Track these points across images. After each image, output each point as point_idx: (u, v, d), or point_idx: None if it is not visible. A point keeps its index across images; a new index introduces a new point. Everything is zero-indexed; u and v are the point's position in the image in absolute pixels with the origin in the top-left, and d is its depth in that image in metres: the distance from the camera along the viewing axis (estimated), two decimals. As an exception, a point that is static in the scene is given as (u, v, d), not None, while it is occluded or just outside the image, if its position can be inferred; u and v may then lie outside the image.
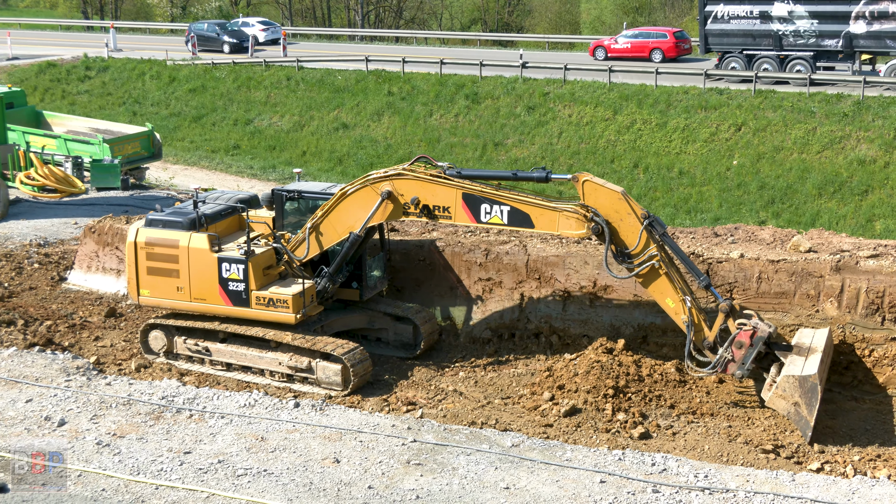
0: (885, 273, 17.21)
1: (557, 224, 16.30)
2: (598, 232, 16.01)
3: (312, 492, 13.35)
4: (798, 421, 15.29)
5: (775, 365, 16.22)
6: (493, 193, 16.56)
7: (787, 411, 15.33)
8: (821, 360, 15.74)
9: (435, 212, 16.88)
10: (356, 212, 17.33)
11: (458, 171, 17.05)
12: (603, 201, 16.05)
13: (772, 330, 16.00)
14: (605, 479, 13.73)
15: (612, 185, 16.15)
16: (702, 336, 16.32)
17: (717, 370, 16.19)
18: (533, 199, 16.40)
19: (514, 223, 16.57)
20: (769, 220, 33.75)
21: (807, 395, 15.09)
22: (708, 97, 42.02)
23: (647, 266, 16.08)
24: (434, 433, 15.19)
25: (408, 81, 49.27)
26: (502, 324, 19.65)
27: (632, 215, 16.00)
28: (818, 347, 16.20)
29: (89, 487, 13.44)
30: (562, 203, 16.39)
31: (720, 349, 16.10)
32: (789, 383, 15.21)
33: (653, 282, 16.24)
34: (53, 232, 26.67)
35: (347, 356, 17.20)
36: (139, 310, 20.97)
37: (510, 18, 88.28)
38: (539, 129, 43.51)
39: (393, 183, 16.99)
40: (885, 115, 37.96)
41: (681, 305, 16.15)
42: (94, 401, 16.08)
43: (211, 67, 55.39)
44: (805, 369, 15.34)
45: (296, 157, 44.62)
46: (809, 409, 15.12)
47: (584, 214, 16.05)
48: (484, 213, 16.62)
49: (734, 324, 16.11)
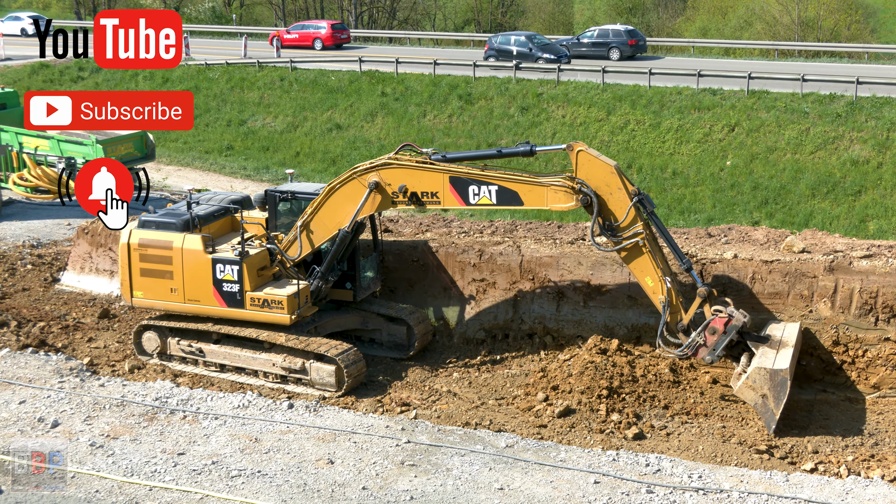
0: (879, 273, 17.24)
1: (546, 199, 16.34)
2: (587, 203, 16.04)
3: (306, 493, 13.34)
4: (764, 413, 15.57)
5: (745, 354, 16.41)
6: (480, 174, 16.58)
7: (755, 402, 15.59)
8: (792, 356, 15.97)
9: (423, 198, 16.87)
10: (345, 206, 17.31)
11: (443, 155, 17.09)
12: (595, 173, 16.09)
13: (746, 320, 16.17)
14: (599, 479, 13.73)
15: (606, 158, 16.23)
16: (677, 318, 16.44)
17: (688, 353, 16.37)
18: (520, 176, 16.45)
19: (503, 202, 16.58)
20: (763, 220, 33.75)
21: (776, 388, 15.35)
22: (701, 98, 42.03)
23: (631, 242, 16.15)
24: (428, 434, 15.18)
25: (401, 82, 49.21)
26: (496, 324, 19.64)
27: (622, 190, 16.04)
28: (789, 342, 16.39)
29: (83, 489, 13.42)
30: (549, 177, 16.41)
31: (693, 333, 16.24)
32: (760, 375, 15.45)
33: (635, 258, 16.30)
34: (46, 233, 26.62)
35: (341, 357, 17.18)
36: (132, 311, 20.92)
37: (503, 19, 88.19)
38: (533, 129, 43.47)
39: (380, 173, 17.00)
40: (878, 115, 37.99)
41: (659, 285, 16.24)
42: (88, 402, 16.05)
43: (204, 68, 55.27)
44: (777, 363, 15.58)
45: (289, 157, 44.52)
46: (777, 403, 15.40)
47: (572, 186, 16.06)
48: (472, 195, 16.63)
49: (710, 309, 16.26)
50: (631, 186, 16.15)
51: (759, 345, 16.30)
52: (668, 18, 79.39)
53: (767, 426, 15.66)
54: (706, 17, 75.37)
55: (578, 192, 16.08)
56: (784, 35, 65.48)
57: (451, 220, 22.90)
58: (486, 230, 21.22)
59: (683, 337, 16.45)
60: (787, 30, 66.33)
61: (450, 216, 24.20)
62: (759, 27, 68.34)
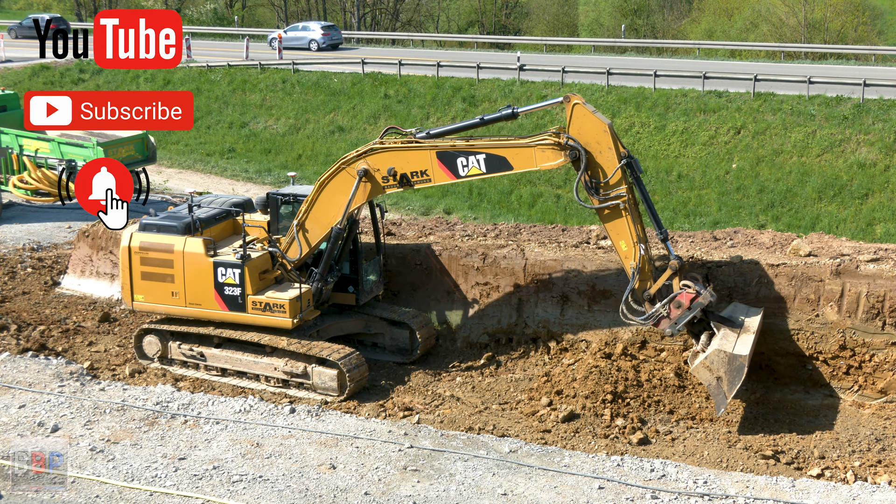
0: (886, 277, 17.09)
1: (535, 159, 16.23)
2: (576, 158, 15.90)
3: (308, 498, 13.22)
4: (716, 395, 15.66)
5: (706, 333, 16.45)
6: (466, 145, 16.49)
7: (709, 383, 15.69)
8: (752, 342, 16.02)
9: (413, 178, 16.79)
10: (338, 198, 17.21)
11: (427, 132, 17.01)
12: (588, 129, 15.97)
13: (713, 299, 16.17)
14: (603, 485, 13.62)
15: (601, 115, 16.12)
16: (645, 286, 16.39)
17: (650, 323, 16.41)
18: (505, 140, 16.36)
19: (493, 169, 16.46)
20: (769, 223, 33.61)
21: (732, 372, 15.43)
22: (707, 100, 41.90)
23: (612, 203, 16.05)
24: (431, 439, 15.06)
25: (404, 84, 49.11)
26: (500, 328, 19.52)
27: (612, 150, 15.94)
28: (752, 328, 16.41)
29: (83, 494, 13.34)
30: (534, 137, 16.29)
31: (658, 304, 16.21)
32: (718, 357, 15.53)
33: (613, 220, 16.22)
34: (47, 236, 26.55)
35: (343, 361, 17.08)
36: (133, 315, 20.83)
37: (507, 21, 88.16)
38: (536, 131, 43.36)
39: (367, 160, 16.93)
40: (886, 118, 37.84)
41: (633, 250, 16.19)
42: (88, 406, 15.95)
43: (206, 70, 55.23)
44: (737, 348, 15.65)
45: (291, 160, 44.43)
46: (730, 387, 15.50)
47: (559, 142, 15.94)
48: (461, 167, 16.54)
49: (678, 283, 16.24)
50: (622, 148, 16.09)
51: (721, 326, 16.35)
52: (673, 20, 79.22)
53: (716, 408, 15.81)
54: (712, 18, 75.15)
55: (566, 148, 15.93)
56: (790, 37, 65.29)
57: (455, 223, 22.79)
58: (490, 233, 21.10)
59: (648, 306, 16.46)
60: (793, 31, 66.14)
61: (453, 220, 24.09)
62: (765, 29, 68.13)
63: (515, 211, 36.68)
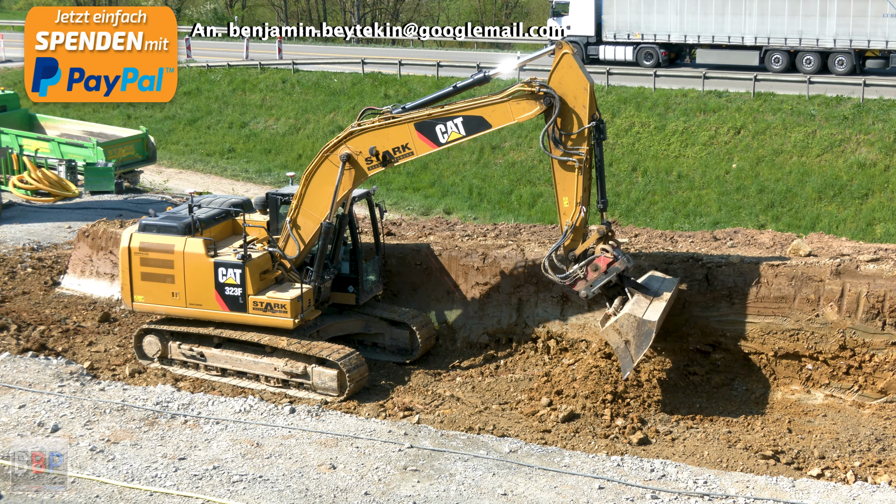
0: (886, 277, 17.08)
1: (511, 112, 16.38)
2: (550, 105, 16.06)
3: (308, 498, 13.22)
4: (623, 358, 15.94)
5: (620, 298, 16.69)
6: (442, 112, 16.60)
7: (617, 345, 15.95)
8: (663, 310, 16.23)
9: (395, 154, 16.86)
10: (325, 189, 17.25)
11: (402, 107, 17.13)
12: (569, 81, 16.09)
13: (630, 265, 16.49)
14: (603, 485, 13.61)
15: (587, 72, 16.22)
16: (572, 246, 16.61)
17: (567, 283, 16.70)
18: (479, 100, 16.45)
19: (472, 130, 16.57)
20: (769, 223, 33.63)
21: (640, 337, 15.69)
22: (707, 100, 41.91)
23: (569, 159, 16.24)
24: (431, 439, 15.05)
25: (404, 84, 49.13)
26: (500, 328, 19.51)
27: (585, 109, 16.11)
28: (664, 296, 16.65)
29: (83, 494, 13.32)
30: (506, 91, 16.37)
31: (576, 265, 16.47)
32: (628, 321, 15.80)
33: (565, 174, 16.40)
34: (47, 236, 26.54)
35: (343, 361, 17.08)
36: (133, 315, 20.83)
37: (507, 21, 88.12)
38: (536, 132, 43.28)
39: (347, 144, 16.98)
40: (886, 118, 37.86)
41: (573, 209, 16.40)
42: (88, 406, 15.94)
43: (206, 70, 55.24)
44: (647, 314, 15.91)
45: (291, 160, 44.45)
46: (637, 351, 15.79)
47: (532, 91, 16.02)
48: (441, 134, 16.64)
49: (600, 247, 16.44)
50: (597, 113, 16.28)
51: (635, 292, 16.57)
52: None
53: (623, 371, 16.08)
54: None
55: (540, 97, 16.05)
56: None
57: (455, 223, 22.80)
58: (490, 233, 21.11)
59: (571, 267, 16.67)
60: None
61: (453, 220, 24.11)
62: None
63: (515, 211, 36.72)
